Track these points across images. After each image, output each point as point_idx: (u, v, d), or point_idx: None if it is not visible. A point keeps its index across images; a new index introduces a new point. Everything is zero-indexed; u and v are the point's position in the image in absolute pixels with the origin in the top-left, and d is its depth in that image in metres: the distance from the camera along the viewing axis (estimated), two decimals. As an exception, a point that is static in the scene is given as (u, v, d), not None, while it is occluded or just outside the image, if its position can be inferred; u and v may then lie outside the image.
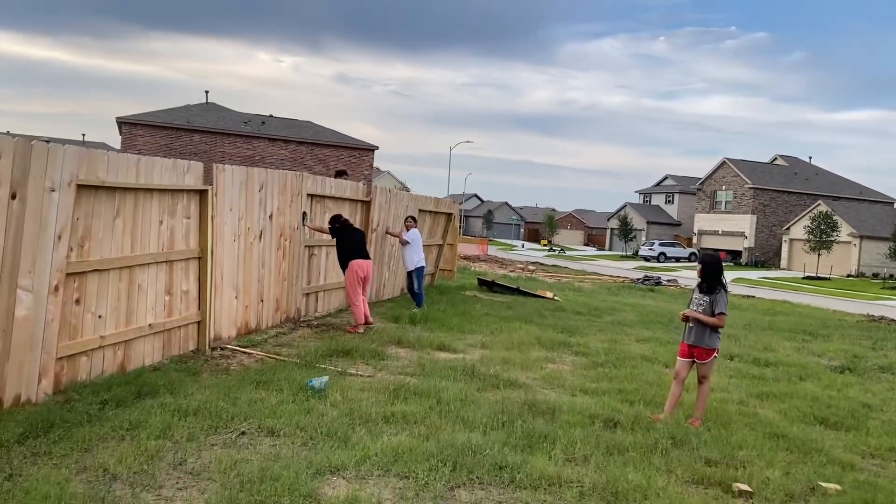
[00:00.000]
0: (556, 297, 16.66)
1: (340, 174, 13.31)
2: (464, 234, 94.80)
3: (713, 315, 6.62)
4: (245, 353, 8.28)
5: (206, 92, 47.69)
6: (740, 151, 68.33)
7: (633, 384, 7.81)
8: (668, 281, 33.28)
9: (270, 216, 9.19)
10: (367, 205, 12.30)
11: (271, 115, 47.87)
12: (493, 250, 55.68)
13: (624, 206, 75.17)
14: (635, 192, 79.95)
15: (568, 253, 65.80)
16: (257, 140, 43.25)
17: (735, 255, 59.59)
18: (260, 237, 8.98)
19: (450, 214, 16.65)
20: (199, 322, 7.99)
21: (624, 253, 67.07)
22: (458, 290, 16.16)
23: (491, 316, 12.52)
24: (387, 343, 9.34)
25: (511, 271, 33.28)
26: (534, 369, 8.40)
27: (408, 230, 12.52)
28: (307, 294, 10.59)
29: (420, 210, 14.66)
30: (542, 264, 41.77)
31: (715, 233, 62.15)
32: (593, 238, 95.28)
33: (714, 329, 6.64)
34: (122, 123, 40.88)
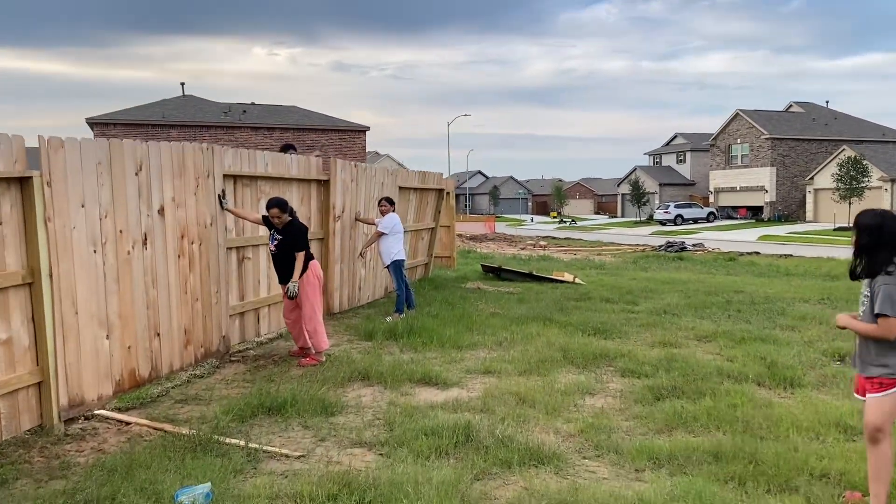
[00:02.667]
0: (577, 280, 13.70)
1: (287, 148, 10.57)
2: (470, 213, 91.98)
3: (874, 317, 3.71)
4: (121, 422, 5.41)
5: (182, 84, 44.72)
6: (747, 105, 64.49)
7: (737, 436, 4.85)
8: (694, 245, 30.25)
9: (161, 210, 6.27)
10: (324, 185, 9.36)
11: (253, 103, 44.89)
12: (501, 227, 52.63)
13: (634, 170, 71.78)
14: (644, 154, 76.53)
15: (579, 223, 62.67)
16: (239, 130, 40.32)
17: (756, 212, 56.29)
18: (144, 242, 6.07)
19: (440, 191, 13.68)
20: (38, 384, 5.12)
21: (638, 218, 63.86)
22: (458, 283, 13.21)
23: (499, 317, 9.59)
24: (347, 380, 6.44)
25: (522, 249, 30.34)
26: (565, 414, 5.47)
27: (383, 215, 9.58)
28: (240, 314, 7.69)
29: (401, 188, 11.70)
30: (554, 238, 38.78)
31: (732, 189, 58.80)
32: (604, 206, 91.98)
33: (885, 343, 3.71)
34: (94, 124, 38.06)
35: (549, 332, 8.46)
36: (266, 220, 7.14)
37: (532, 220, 71.27)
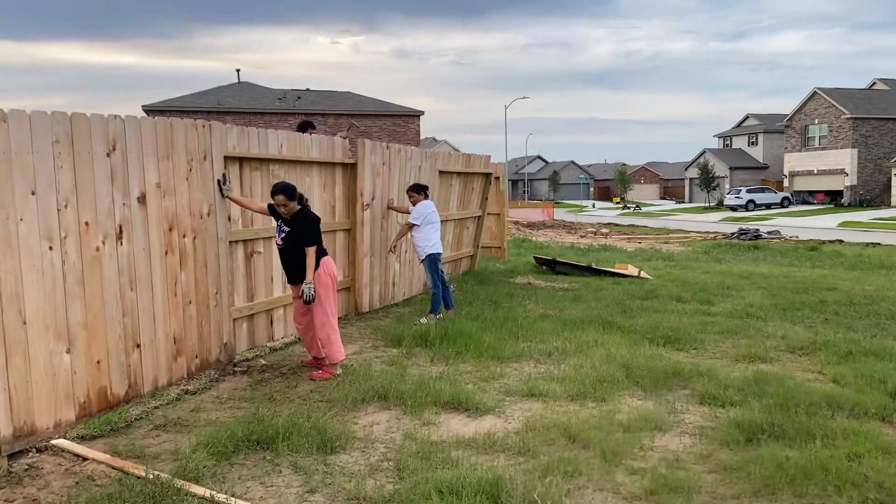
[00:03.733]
0: (642, 274, 12.30)
1: (305, 127, 9.51)
2: (528, 199, 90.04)
3: None
4: (78, 456, 4.44)
5: (238, 70, 44.55)
6: (823, 84, 60.76)
7: None
8: (769, 233, 28.11)
9: (141, 198, 5.27)
10: (350, 169, 8.26)
11: (308, 89, 44.43)
12: (560, 213, 50.96)
13: (703, 153, 68.69)
14: (714, 136, 73.10)
15: (644, 209, 60.31)
16: (293, 116, 39.72)
17: (835, 196, 52.92)
18: (119, 237, 5.07)
19: (488, 175, 12.45)
20: (-26, 411, 4.19)
21: (707, 204, 61.04)
22: (507, 277, 11.98)
23: (550, 319, 8.35)
24: (360, 401, 5.34)
25: (581, 237, 28.84)
26: (628, 460, 4.22)
27: (414, 205, 8.43)
28: (248, 317, 6.67)
29: (442, 172, 10.53)
30: (616, 225, 37.00)
31: (809, 173, 55.44)
32: (669, 191, 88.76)
33: None
34: (150, 111, 38.05)
35: (610, 341, 7.18)
36: (272, 210, 6.07)
37: (594, 206, 69.10)
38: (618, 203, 73.28)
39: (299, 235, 5.88)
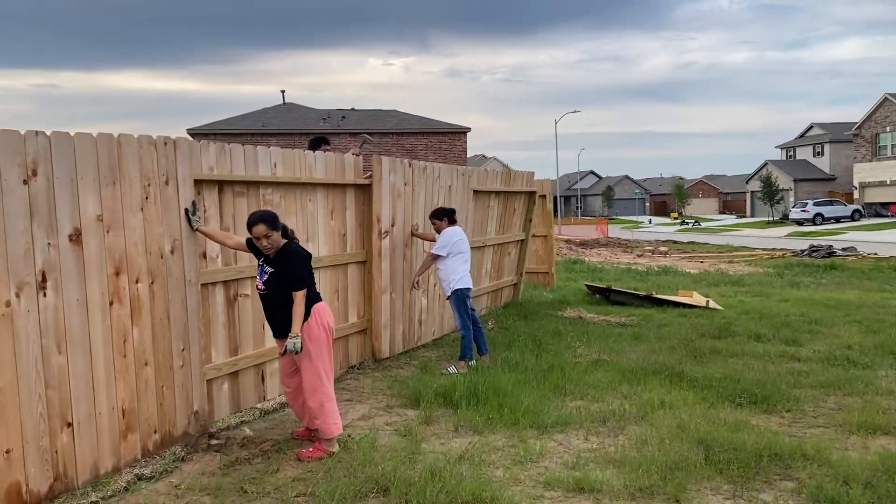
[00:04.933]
0: (710, 304, 10.75)
1: (318, 144, 8.42)
2: (581, 215, 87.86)
3: None
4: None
5: (283, 91, 44.41)
6: (892, 90, 57.03)
7: None
8: (844, 250, 25.90)
9: (75, 235, 4.13)
10: (365, 191, 7.06)
11: (353, 109, 43.90)
12: (615, 230, 49.08)
13: (764, 165, 65.71)
14: (776, 147, 70.02)
15: (704, 224, 57.82)
16: (338, 136, 39.08)
17: (911, 208, 49.62)
18: (42, 286, 3.94)
19: (531, 193, 11.11)
20: None
21: (770, 218, 58.17)
22: (555, 308, 10.58)
23: (604, 367, 6.94)
24: (353, 497, 4.07)
25: (638, 256, 27.13)
26: None
27: (438, 232, 7.18)
28: (229, 377, 5.47)
29: (477, 192, 9.25)
30: (675, 242, 35.06)
31: (882, 184, 52.22)
32: (729, 204, 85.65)
33: None
34: (194, 134, 37.94)
35: (680, 400, 5.75)
36: (251, 246, 4.87)
37: (650, 222, 66.75)
38: (675, 218, 70.74)
39: (284, 277, 4.67)
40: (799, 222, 49.14)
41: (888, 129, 51.78)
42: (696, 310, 10.37)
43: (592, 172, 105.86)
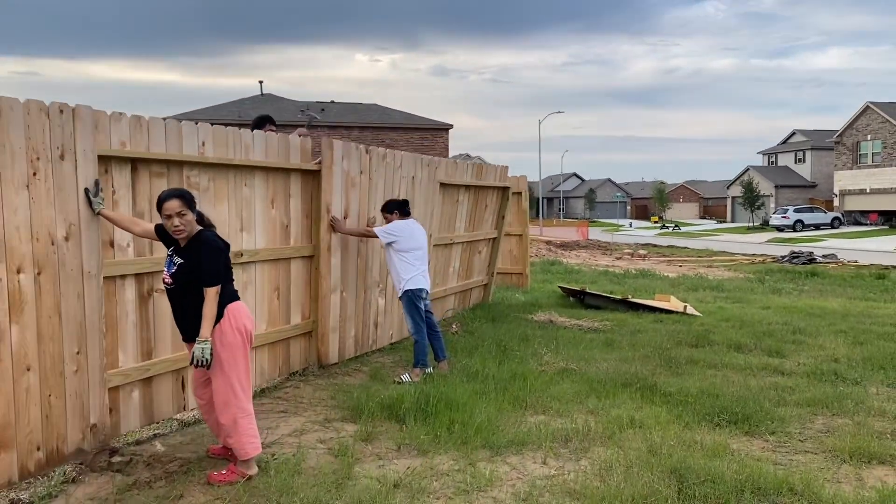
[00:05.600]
0: (688, 309, 10.19)
1: (263, 123, 7.77)
2: (564, 217, 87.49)
3: None
4: None
5: (261, 82, 43.53)
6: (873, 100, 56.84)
7: None
8: (825, 256, 25.61)
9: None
10: (313, 178, 6.39)
11: (333, 101, 43.10)
12: (596, 233, 48.69)
13: (746, 171, 65.69)
14: (758, 153, 70.05)
15: (684, 229, 57.64)
16: (315, 129, 38.27)
17: (890, 217, 49.64)
18: None
19: (506, 189, 10.48)
20: None
21: (751, 224, 58.10)
22: (526, 311, 9.96)
23: (571, 377, 6.33)
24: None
25: (617, 259, 26.70)
26: None
27: (387, 222, 6.55)
28: (141, 383, 4.77)
29: (444, 185, 8.60)
30: (654, 246, 34.70)
31: (861, 192, 52.26)
32: (710, 210, 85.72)
33: None
34: (169, 124, 36.93)
35: (651, 418, 5.15)
36: (161, 233, 4.19)
37: (631, 226, 66.55)
38: (656, 222, 70.55)
39: (195, 270, 3.99)
40: (779, 228, 49.06)
41: (869, 137, 51.84)
42: (673, 315, 9.81)
43: (576, 175, 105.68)
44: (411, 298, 6.35)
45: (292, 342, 6.29)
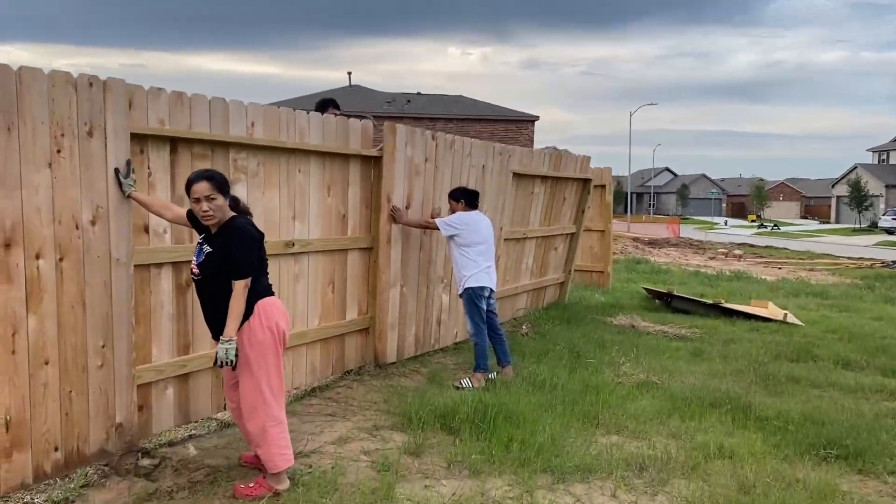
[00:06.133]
0: (788, 318, 9.24)
1: (326, 106, 7.50)
2: (654, 213, 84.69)
3: None
4: None
5: (349, 73, 44.10)
6: None
7: None
8: (943, 263, 23.41)
9: (-56, 194, 3.16)
10: (374, 165, 5.96)
11: (419, 93, 42.94)
12: (688, 230, 46.72)
13: (854, 169, 61.75)
14: (867, 150, 65.78)
15: (783, 229, 54.61)
16: (401, 120, 38.24)
17: None
18: None
19: (587, 181, 9.79)
20: None
21: (857, 225, 54.51)
22: (605, 313, 9.26)
23: (651, 391, 5.67)
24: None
25: (710, 258, 25.28)
26: None
27: (452, 211, 6.04)
28: (176, 380, 4.44)
29: (518, 175, 8.03)
30: (751, 246, 32.80)
31: None
32: (812, 209, 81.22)
33: None
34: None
35: (744, 446, 4.45)
36: (192, 219, 3.82)
37: (726, 224, 63.68)
38: (753, 221, 67.34)
39: (224, 260, 3.60)
40: (890, 231, 45.72)
41: None
42: (770, 324, 8.89)
43: (668, 169, 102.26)
44: (471, 297, 5.82)
45: (347, 338, 5.88)
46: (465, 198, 5.96)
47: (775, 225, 59.02)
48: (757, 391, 5.80)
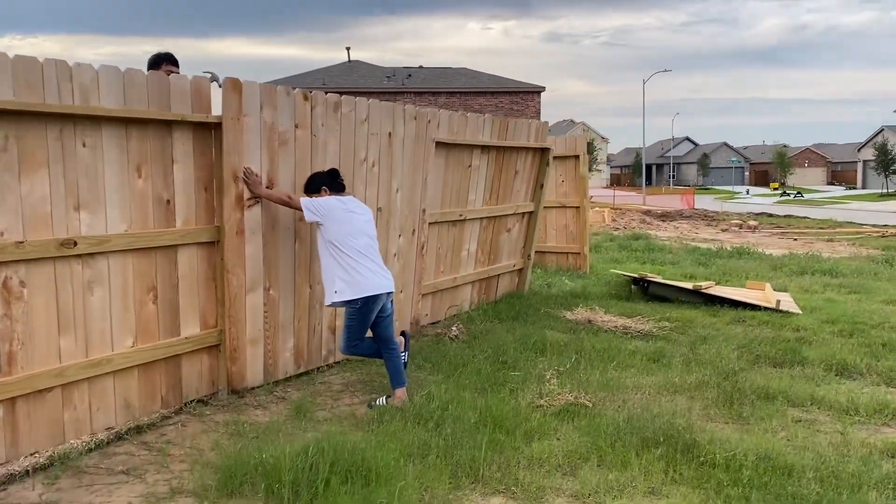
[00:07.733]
0: (782, 304, 7.80)
1: (160, 62, 6.25)
2: (675, 184, 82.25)
3: None
4: None
5: (348, 49, 42.41)
6: None
7: None
8: (976, 229, 21.56)
9: None
10: (214, 134, 4.63)
11: (421, 67, 41.44)
12: (706, 201, 44.83)
13: (880, 131, 59.09)
14: (894, 111, 62.90)
15: (807, 196, 52.40)
16: (402, 95, 36.76)
17: None
18: None
19: (544, 151, 8.37)
20: None
21: (884, 190, 52.14)
22: (563, 306, 7.86)
23: (574, 421, 4.33)
24: None
25: (723, 230, 23.68)
26: None
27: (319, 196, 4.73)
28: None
29: (445, 144, 6.66)
30: (770, 216, 31.04)
31: None
32: (839, 175, 78.46)
33: None
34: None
35: (666, 519, 3.12)
36: None
37: (748, 193, 61.44)
38: (775, 189, 64.99)
39: None
40: (920, 195, 43.49)
41: None
42: (760, 312, 7.47)
43: (688, 139, 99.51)
44: (362, 309, 4.53)
45: (186, 360, 4.61)
46: (327, 184, 4.66)
47: (798, 192, 56.74)
48: (715, 414, 4.45)
